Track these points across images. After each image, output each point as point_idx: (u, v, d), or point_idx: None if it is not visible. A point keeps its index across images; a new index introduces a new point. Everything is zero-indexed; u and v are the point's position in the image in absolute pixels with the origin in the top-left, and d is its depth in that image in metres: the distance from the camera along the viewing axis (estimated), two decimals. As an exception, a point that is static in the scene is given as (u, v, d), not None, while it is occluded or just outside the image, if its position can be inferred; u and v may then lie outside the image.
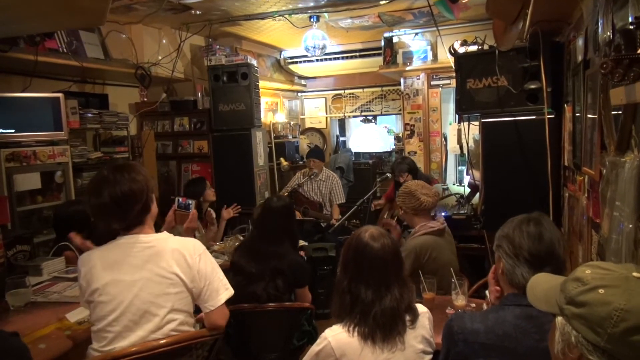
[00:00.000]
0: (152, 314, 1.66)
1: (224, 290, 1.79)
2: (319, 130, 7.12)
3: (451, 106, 5.62)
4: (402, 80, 5.63)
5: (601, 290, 0.86)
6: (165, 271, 1.68)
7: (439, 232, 2.77)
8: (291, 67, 6.49)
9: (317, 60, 6.05)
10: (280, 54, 6.37)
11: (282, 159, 5.86)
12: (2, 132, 3.13)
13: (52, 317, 1.97)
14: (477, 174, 3.88)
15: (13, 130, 3.18)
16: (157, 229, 1.85)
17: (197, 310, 1.83)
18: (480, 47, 3.42)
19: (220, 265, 1.87)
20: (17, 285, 2.05)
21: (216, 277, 1.78)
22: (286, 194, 4.78)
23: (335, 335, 1.55)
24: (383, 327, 1.54)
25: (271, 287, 2.48)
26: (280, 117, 6.42)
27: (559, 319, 0.93)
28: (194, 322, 1.81)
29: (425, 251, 2.66)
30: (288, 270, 2.52)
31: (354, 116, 6.96)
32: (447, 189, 4.81)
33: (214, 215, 3.77)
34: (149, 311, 1.65)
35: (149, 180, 1.80)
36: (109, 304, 1.65)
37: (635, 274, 0.87)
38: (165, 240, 1.75)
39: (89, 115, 3.83)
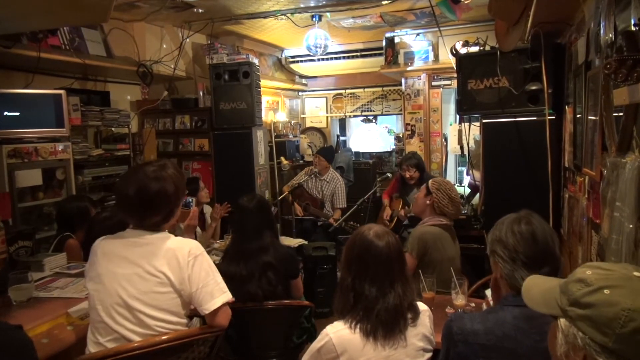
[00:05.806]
0: (137, 310, 1.66)
1: (219, 294, 1.75)
2: (319, 130, 7.12)
3: (452, 107, 5.63)
4: (403, 81, 5.63)
5: (606, 291, 0.85)
6: (155, 269, 1.68)
7: (446, 227, 2.83)
8: (292, 66, 6.50)
9: (319, 59, 6.06)
10: (282, 53, 6.37)
11: (282, 158, 5.86)
12: (4, 129, 3.13)
13: (54, 312, 1.97)
14: (478, 175, 3.89)
15: (15, 127, 3.18)
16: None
17: None
18: (481, 48, 3.43)
19: None
20: (20, 280, 2.05)
21: (212, 280, 1.75)
22: (289, 190, 4.79)
23: (337, 331, 1.56)
24: (385, 324, 1.54)
25: (264, 282, 2.48)
26: (281, 116, 6.42)
27: (562, 321, 0.91)
28: (187, 322, 1.79)
29: (432, 238, 2.71)
30: (276, 262, 2.53)
31: (355, 116, 6.96)
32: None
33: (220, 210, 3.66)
34: (134, 307, 1.65)
35: (181, 192, 1.80)
36: (100, 294, 1.67)
37: (635, 273, 0.87)
38: (164, 240, 1.75)
39: (91, 112, 3.83)
